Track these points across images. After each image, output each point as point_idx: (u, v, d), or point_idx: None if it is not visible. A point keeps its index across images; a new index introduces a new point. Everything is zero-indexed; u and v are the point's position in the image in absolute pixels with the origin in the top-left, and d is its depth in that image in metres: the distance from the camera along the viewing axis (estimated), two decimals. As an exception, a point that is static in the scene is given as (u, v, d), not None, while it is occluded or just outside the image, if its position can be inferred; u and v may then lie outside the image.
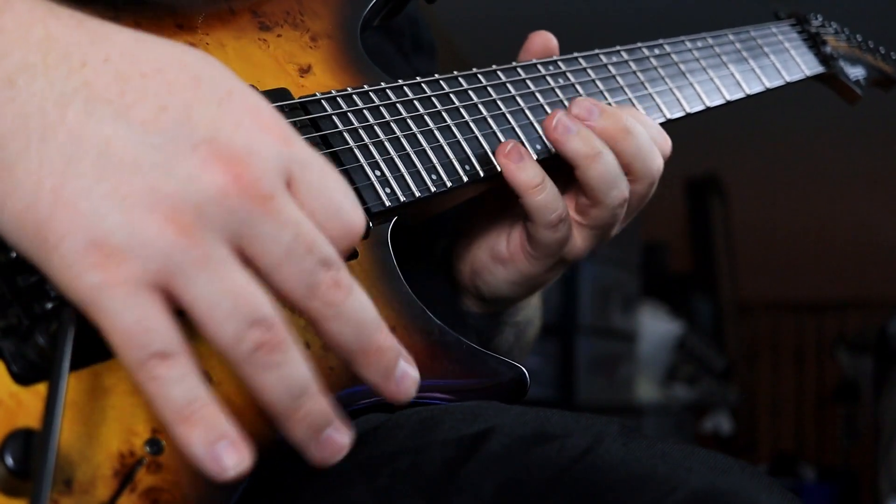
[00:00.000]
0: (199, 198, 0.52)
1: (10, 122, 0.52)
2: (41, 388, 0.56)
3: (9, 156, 0.51)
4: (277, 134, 0.55)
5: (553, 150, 0.84)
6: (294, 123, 0.71)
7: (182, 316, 0.53)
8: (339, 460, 0.58)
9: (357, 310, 0.56)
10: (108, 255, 0.50)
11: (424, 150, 0.78)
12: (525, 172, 0.81)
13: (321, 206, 0.56)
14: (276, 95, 0.73)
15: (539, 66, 0.90)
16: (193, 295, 0.52)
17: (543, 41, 0.94)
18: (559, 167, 0.84)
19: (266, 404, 0.54)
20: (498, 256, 0.89)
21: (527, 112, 0.86)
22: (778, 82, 1.07)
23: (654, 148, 0.86)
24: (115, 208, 0.51)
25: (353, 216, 0.57)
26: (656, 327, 4.81)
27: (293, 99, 0.74)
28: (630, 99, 0.93)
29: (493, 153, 0.82)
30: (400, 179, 0.75)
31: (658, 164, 0.86)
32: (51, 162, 0.51)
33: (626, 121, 0.84)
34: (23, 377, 0.56)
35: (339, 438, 0.57)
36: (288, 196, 0.55)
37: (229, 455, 0.52)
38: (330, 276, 0.55)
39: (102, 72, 0.53)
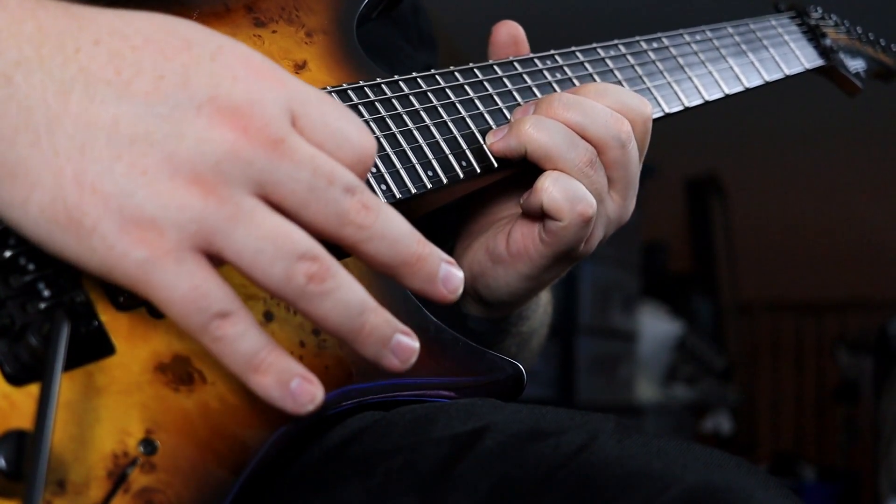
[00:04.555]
0: (214, 157, 0.53)
1: (13, 118, 0.52)
2: (34, 389, 0.56)
3: (20, 151, 0.52)
4: (273, 78, 0.57)
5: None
6: None
7: None
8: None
9: (390, 226, 0.57)
10: (145, 230, 0.52)
11: (420, 146, 0.77)
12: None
13: (328, 137, 0.57)
14: None
15: (536, 61, 0.90)
16: (235, 248, 0.53)
17: (508, 31, 0.90)
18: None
19: (331, 331, 0.56)
20: (497, 257, 0.84)
21: (524, 108, 0.85)
22: (777, 75, 1.06)
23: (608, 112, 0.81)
24: (138, 183, 0.52)
25: (361, 139, 0.59)
26: (656, 327, 4.81)
27: None
28: None
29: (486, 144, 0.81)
30: (396, 176, 0.74)
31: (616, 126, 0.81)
32: (65, 150, 0.52)
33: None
34: (15, 378, 0.56)
35: (410, 342, 0.59)
36: (297, 135, 0.56)
37: (305, 391, 0.56)
38: (356, 201, 0.56)
39: (96, 54, 0.54)
